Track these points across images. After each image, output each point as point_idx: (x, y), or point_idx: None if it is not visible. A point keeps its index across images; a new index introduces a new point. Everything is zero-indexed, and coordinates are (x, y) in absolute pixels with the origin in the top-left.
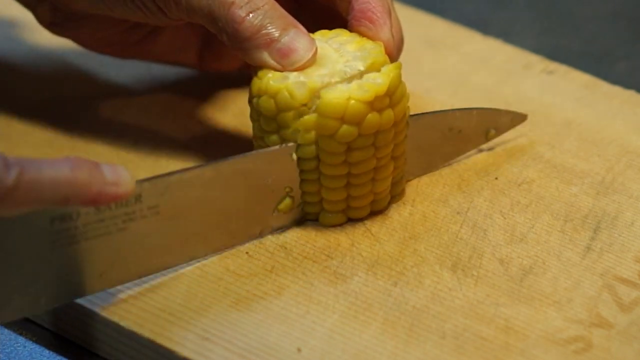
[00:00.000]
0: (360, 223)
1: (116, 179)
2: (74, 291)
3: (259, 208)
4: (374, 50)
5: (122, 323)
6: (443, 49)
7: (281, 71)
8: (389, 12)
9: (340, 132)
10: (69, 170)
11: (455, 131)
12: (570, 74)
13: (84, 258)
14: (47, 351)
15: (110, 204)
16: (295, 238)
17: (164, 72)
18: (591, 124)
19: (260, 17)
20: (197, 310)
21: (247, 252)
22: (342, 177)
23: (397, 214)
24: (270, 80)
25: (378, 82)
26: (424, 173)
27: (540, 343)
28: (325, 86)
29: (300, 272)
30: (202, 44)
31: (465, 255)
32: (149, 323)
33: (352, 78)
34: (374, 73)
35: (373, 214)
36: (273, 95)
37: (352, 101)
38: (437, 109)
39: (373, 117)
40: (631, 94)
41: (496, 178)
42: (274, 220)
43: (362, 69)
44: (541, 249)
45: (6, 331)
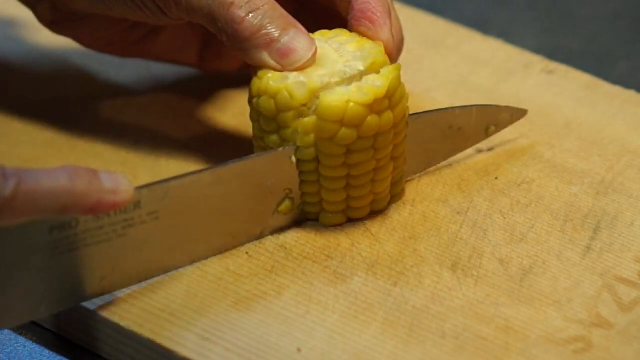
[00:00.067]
0: (360, 223)
1: (115, 187)
2: (74, 297)
3: (259, 210)
4: (373, 51)
5: (122, 323)
6: (443, 49)
7: (281, 71)
8: (389, 12)
9: (339, 134)
10: (67, 179)
11: (455, 129)
12: (570, 74)
13: (84, 264)
14: (48, 351)
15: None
16: (295, 238)
17: (164, 72)
18: (591, 124)
19: (260, 17)
20: (197, 310)
21: (247, 252)
22: (341, 179)
23: (397, 214)
24: (270, 81)
25: (377, 84)
26: (424, 170)
27: (540, 343)
28: (325, 86)
29: (300, 272)
30: (202, 43)
31: (465, 255)
32: (149, 323)
33: (352, 79)
34: (373, 75)
35: (373, 214)
36: (273, 96)
37: (351, 104)
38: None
39: (372, 120)
40: (631, 94)
41: (496, 178)
42: (274, 221)
43: (362, 69)
44: (541, 249)
45: (6, 331)
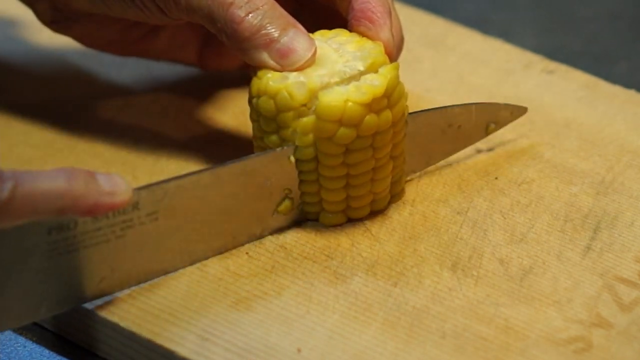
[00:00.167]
0: (360, 223)
1: (112, 189)
2: (74, 298)
3: (259, 210)
4: (373, 50)
5: (122, 323)
6: (443, 49)
7: (281, 71)
8: (389, 12)
9: (338, 134)
10: (64, 181)
11: (454, 127)
12: (570, 74)
13: (83, 266)
14: (47, 351)
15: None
16: (295, 238)
17: (164, 72)
18: (591, 123)
19: (260, 17)
20: (197, 310)
21: (247, 253)
22: (341, 178)
23: (397, 214)
24: (269, 81)
25: (375, 83)
26: (423, 170)
27: (540, 343)
28: (325, 86)
29: (300, 272)
30: (202, 42)
31: (465, 255)
32: (149, 323)
33: (352, 79)
34: (371, 74)
35: (373, 214)
36: (273, 96)
37: (349, 103)
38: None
39: (371, 119)
40: (631, 93)
41: (496, 178)
42: (273, 221)
43: (361, 69)
44: (541, 249)
45: (6, 331)
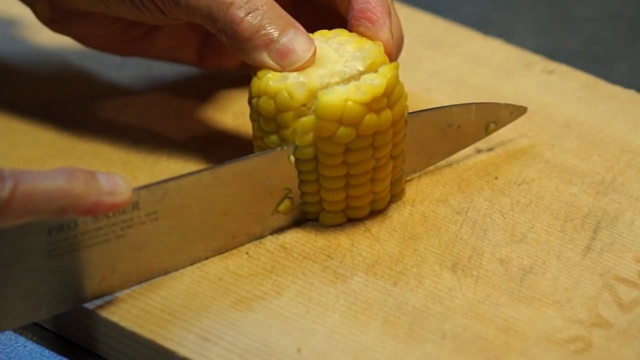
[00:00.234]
0: (360, 223)
1: (113, 188)
2: (74, 298)
3: (259, 210)
4: (373, 51)
5: (122, 323)
6: (443, 49)
7: (280, 71)
8: (389, 12)
9: (338, 133)
10: (64, 180)
11: (454, 127)
12: (570, 74)
13: (84, 265)
14: (47, 351)
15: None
16: (295, 238)
17: (164, 72)
18: (591, 124)
19: (259, 17)
20: (197, 310)
21: (247, 252)
22: (341, 178)
23: (397, 214)
24: (269, 81)
25: (375, 83)
26: (423, 169)
27: (540, 343)
28: (325, 86)
29: (300, 272)
30: (202, 41)
31: (465, 255)
32: (149, 323)
33: (352, 79)
34: (371, 74)
35: (373, 214)
36: (272, 96)
37: (349, 103)
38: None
39: (371, 118)
40: (631, 94)
41: (496, 178)
42: (273, 221)
43: (361, 69)
44: (541, 249)
45: (6, 331)
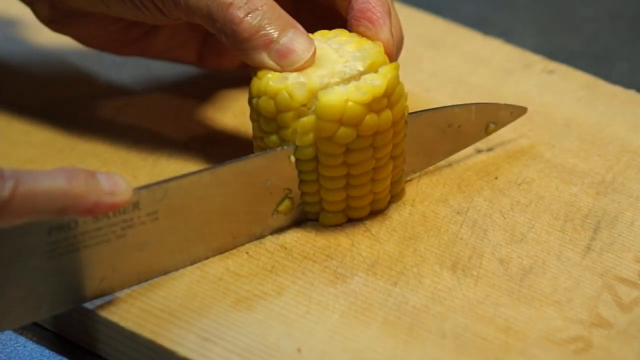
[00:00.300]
0: (360, 223)
1: (113, 189)
2: (74, 298)
3: (259, 210)
4: (373, 51)
5: (122, 323)
6: (443, 49)
7: (280, 72)
8: (389, 12)
9: (338, 134)
10: (65, 180)
11: (454, 127)
12: (570, 74)
13: (84, 265)
14: (47, 351)
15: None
16: (295, 238)
17: (164, 72)
18: (591, 124)
19: (259, 17)
20: (197, 310)
21: (247, 252)
22: (341, 178)
23: (397, 214)
24: (269, 81)
25: (376, 83)
26: (423, 169)
27: (540, 343)
28: (325, 87)
29: (300, 272)
30: (201, 41)
31: (465, 255)
32: (149, 323)
33: (352, 79)
34: (371, 74)
35: (373, 214)
36: (272, 96)
37: (349, 103)
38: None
39: (371, 119)
40: (631, 94)
41: (496, 178)
42: (273, 221)
43: (361, 69)
44: (541, 249)
45: (6, 331)
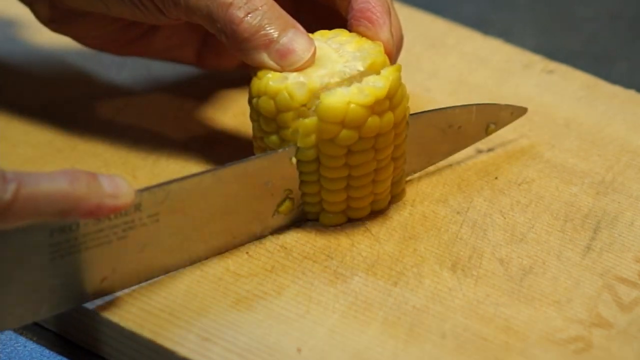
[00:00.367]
0: (360, 223)
1: (115, 191)
2: (75, 298)
3: (259, 210)
4: (373, 50)
5: (122, 323)
6: (443, 49)
7: (280, 72)
8: (389, 12)
9: (340, 136)
10: (66, 183)
11: (455, 128)
12: (570, 74)
13: (85, 266)
14: (47, 351)
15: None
16: (295, 238)
17: (164, 72)
18: (591, 123)
19: (259, 17)
20: (197, 310)
21: (247, 252)
22: (342, 180)
23: (397, 214)
24: (269, 81)
25: (378, 85)
26: (423, 170)
27: (540, 343)
28: (325, 87)
29: (300, 272)
30: (201, 41)
31: (465, 255)
32: (149, 323)
33: (352, 79)
34: (373, 76)
35: (373, 214)
36: (273, 96)
37: (352, 105)
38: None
39: (373, 121)
40: (631, 93)
41: (496, 178)
42: (274, 221)
43: (361, 69)
44: (541, 249)
45: (6, 331)
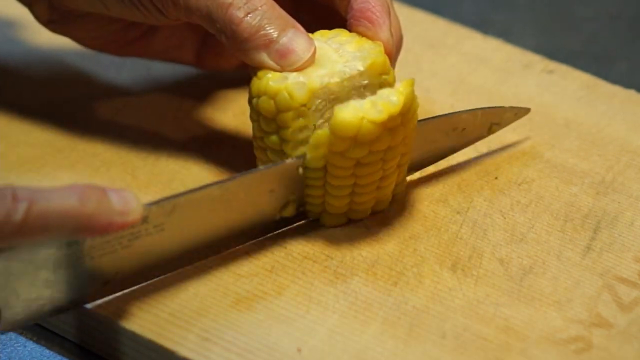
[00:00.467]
0: (360, 223)
1: (124, 208)
2: (78, 300)
3: (262, 214)
4: (373, 50)
5: (122, 324)
6: (443, 49)
7: (280, 72)
8: (388, 12)
9: (350, 150)
10: (77, 200)
11: (459, 130)
12: (570, 74)
13: (89, 274)
14: (47, 351)
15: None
16: (295, 238)
17: (163, 73)
18: (591, 123)
19: (259, 17)
20: (197, 310)
21: (247, 252)
22: (347, 187)
23: (397, 214)
24: (269, 81)
25: (392, 100)
26: (424, 168)
27: (540, 343)
28: (325, 86)
29: (300, 272)
30: (200, 42)
31: (465, 255)
32: (149, 323)
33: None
34: (387, 89)
35: (373, 214)
36: (272, 96)
37: (365, 121)
38: (437, 109)
39: (384, 137)
40: (631, 93)
41: (496, 178)
42: (276, 224)
43: (361, 69)
44: (541, 249)
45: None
